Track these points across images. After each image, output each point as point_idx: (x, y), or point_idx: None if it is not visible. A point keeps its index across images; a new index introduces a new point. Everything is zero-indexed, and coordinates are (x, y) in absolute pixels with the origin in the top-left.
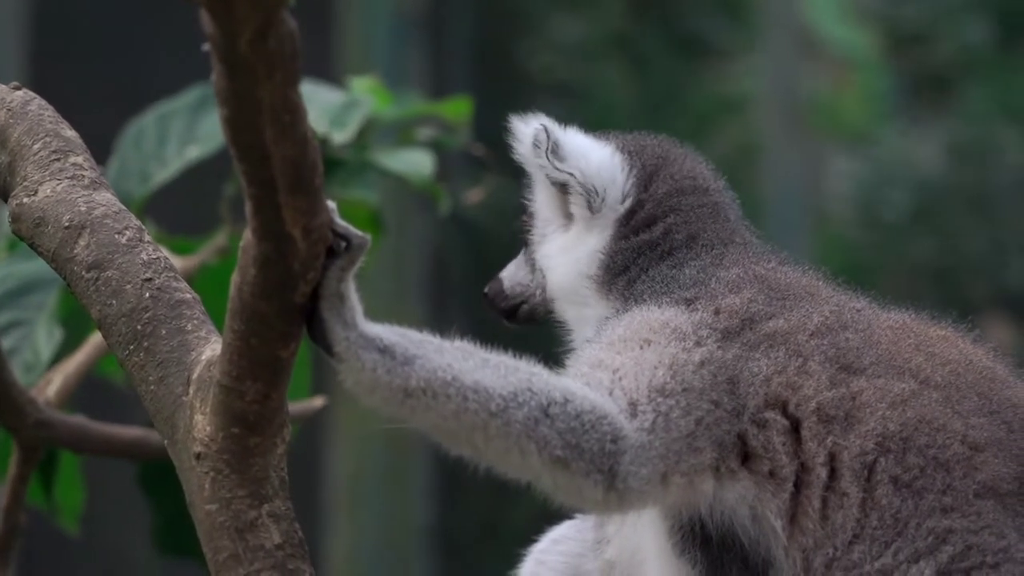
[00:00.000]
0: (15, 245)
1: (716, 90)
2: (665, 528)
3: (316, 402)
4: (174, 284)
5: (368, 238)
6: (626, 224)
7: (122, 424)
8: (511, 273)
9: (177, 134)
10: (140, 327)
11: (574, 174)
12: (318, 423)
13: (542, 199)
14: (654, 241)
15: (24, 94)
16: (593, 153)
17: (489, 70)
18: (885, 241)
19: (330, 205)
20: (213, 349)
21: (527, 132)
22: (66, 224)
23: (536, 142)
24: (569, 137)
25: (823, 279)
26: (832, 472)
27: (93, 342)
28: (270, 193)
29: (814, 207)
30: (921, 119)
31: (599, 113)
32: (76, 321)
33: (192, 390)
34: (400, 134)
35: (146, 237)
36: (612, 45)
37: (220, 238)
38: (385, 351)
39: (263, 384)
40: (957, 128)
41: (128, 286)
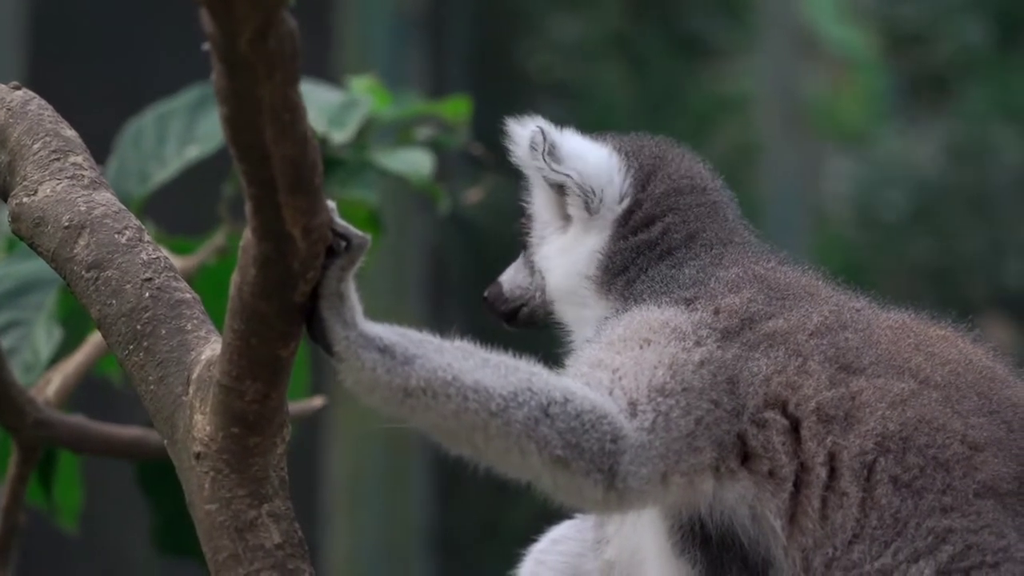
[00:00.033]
0: (14, 245)
1: (715, 90)
2: (665, 528)
3: (315, 402)
4: (174, 284)
5: (368, 238)
6: (624, 224)
7: (122, 424)
8: (510, 276)
9: (176, 134)
10: (140, 327)
11: (571, 175)
12: (318, 423)
13: (540, 201)
14: (652, 241)
15: (24, 94)
16: (590, 154)
17: (488, 70)
18: (884, 241)
19: (330, 205)
20: (213, 349)
21: (524, 134)
22: (66, 224)
23: (533, 144)
24: (566, 138)
25: (822, 279)
26: (832, 472)
27: (92, 342)
28: (270, 193)
29: (813, 207)
30: (920, 119)
31: (598, 113)
32: (76, 321)
33: (192, 390)
34: (399, 134)
35: (146, 237)
36: (611, 45)
37: (219, 238)
38: (385, 351)
39: (263, 384)
40: (956, 128)
41: (128, 286)
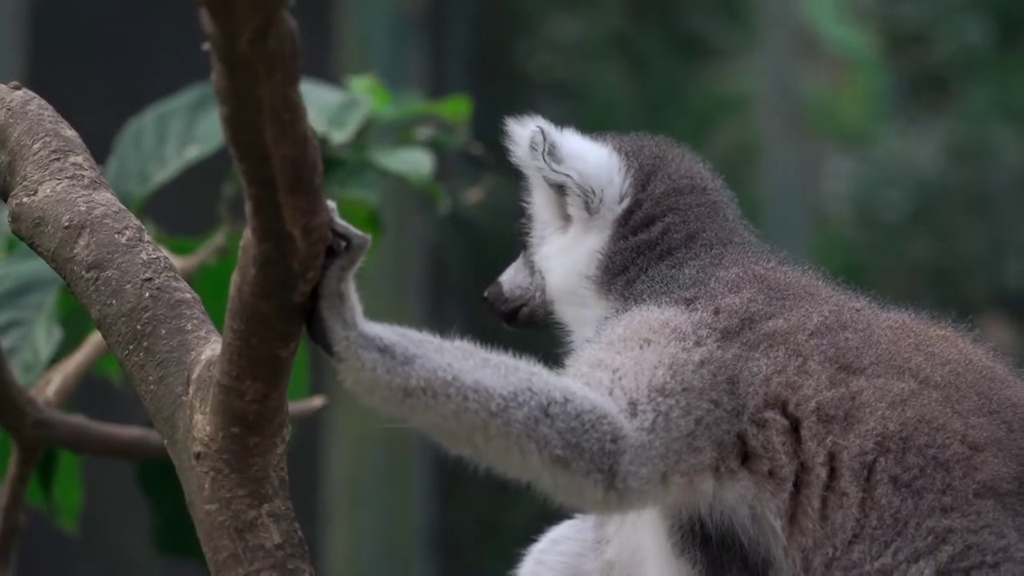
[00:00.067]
0: (14, 245)
1: (715, 90)
2: (665, 528)
3: (315, 402)
4: (174, 284)
5: (368, 238)
6: (624, 224)
7: (122, 424)
8: (510, 276)
9: (176, 134)
10: (140, 327)
11: (571, 175)
12: (318, 423)
13: (540, 201)
14: (652, 241)
15: (24, 94)
16: (590, 154)
17: (488, 70)
18: (884, 241)
19: (330, 205)
20: (213, 349)
21: (523, 134)
22: (66, 224)
23: (533, 144)
24: (565, 138)
25: (822, 279)
26: (832, 472)
27: (92, 342)
28: (270, 193)
29: (813, 207)
30: (920, 119)
31: (598, 113)
32: (75, 321)
33: (192, 390)
34: (399, 134)
35: (146, 237)
36: (611, 45)
37: (219, 238)
38: (385, 351)
39: (263, 384)
40: (956, 128)
41: (128, 286)
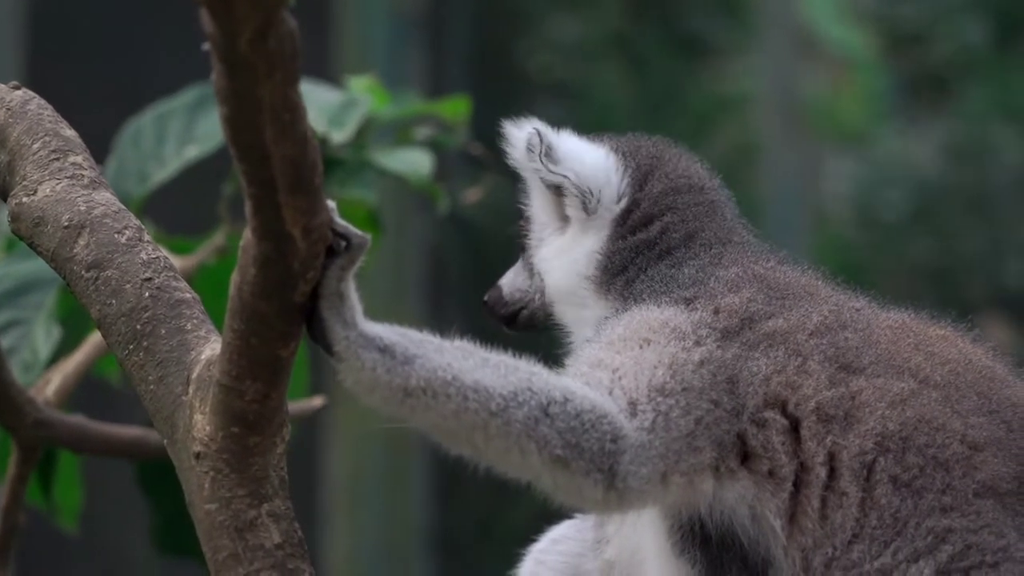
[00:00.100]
0: (14, 245)
1: (714, 90)
2: (665, 528)
3: (315, 402)
4: (173, 283)
5: (368, 237)
6: (622, 224)
7: (122, 424)
8: (510, 279)
9: (175, 134)
10: (139, 327)
11: (568, 176)
12: (318, 423)
13: (538, 203)
14: (651, 240)
15: (23, 93)
16: (587, 154)
17: (487, 70)
18: (883, 241)
19: (330, 204)
20: (213, 348)
21: (520, 136)
22: (65, 223)
23: (529, 146)
24: (562, 140)
25: (822, 279)
26: (831, 472)
27: (92, 342)
28: (270, 193)
29: (812, 207)
30: (919, 119)
31: (598, 113)
32: (75, 321)
33: (192, 389)
34: (398, 133)
35: (145, 236)
36: (611, 45)
37: (219, 238)
38: (385, 350)
39: (263, 383)
40: (955, 128)
41: (128, 285)
